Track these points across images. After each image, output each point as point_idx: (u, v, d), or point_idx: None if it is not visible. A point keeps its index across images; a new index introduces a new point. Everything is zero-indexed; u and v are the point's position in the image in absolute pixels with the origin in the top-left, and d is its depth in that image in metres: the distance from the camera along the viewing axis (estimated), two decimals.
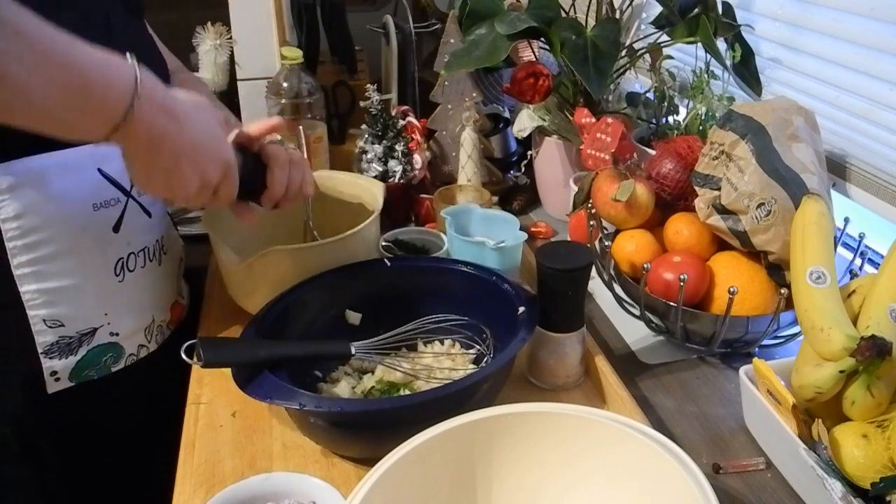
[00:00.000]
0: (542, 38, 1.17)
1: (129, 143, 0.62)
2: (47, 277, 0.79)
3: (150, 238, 0.89)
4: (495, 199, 1.27)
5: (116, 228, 0.84)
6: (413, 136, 1.24)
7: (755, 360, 0.75)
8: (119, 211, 0.84)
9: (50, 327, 0.81)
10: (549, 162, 1.28)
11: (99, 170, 0.81)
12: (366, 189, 1.02)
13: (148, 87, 0.60)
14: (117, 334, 0.86)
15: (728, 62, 1.14)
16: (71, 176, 0.79)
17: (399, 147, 1.20)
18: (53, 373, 0.82)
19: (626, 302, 0.98)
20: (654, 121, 1.27)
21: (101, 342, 0.85)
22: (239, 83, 1.54)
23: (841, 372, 0.68)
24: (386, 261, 0.92)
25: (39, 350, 0.81)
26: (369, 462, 0.60)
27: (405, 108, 1.32)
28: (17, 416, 0.83)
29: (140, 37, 0.90)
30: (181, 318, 0.98)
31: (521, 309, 0.81)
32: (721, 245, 0.93)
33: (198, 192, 0.68)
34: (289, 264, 0.87)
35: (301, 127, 1.05)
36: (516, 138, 1.34)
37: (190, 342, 0.73)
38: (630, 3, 1.24)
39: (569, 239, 1.19)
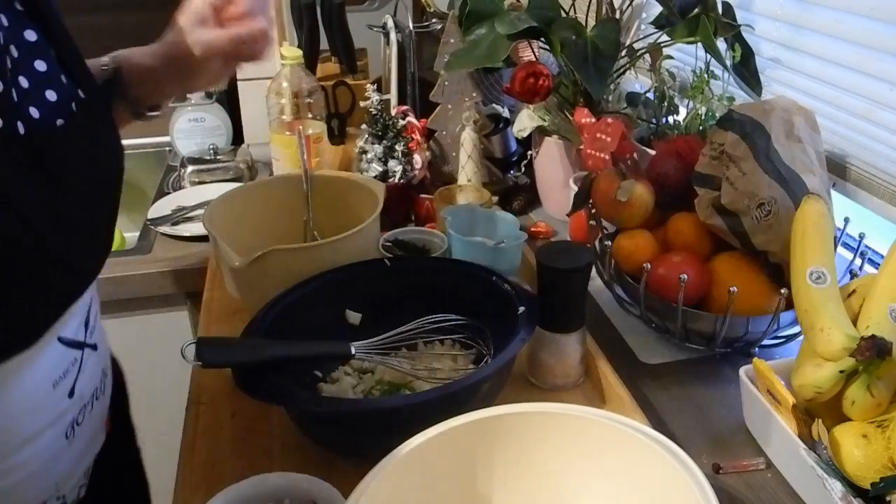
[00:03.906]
0: (542, 38, 1.17)
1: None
2: None
3: (97, 375, 0.74)
4: (495, 199, 1.27)
5: (72, 393, 0.69)
6: (413, 136, 1.24)
7: (755, 360, 0.75)
8: (76, 371, 0.70)
9: None
10: (549, 162, 1.28)
11: (59, 338, 0.67)
12: (366, 189, 1.02)
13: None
14: (63, 496, 0.72)
15: (728, 62, 1.14)
16: (29, 366, 0.63)
17: (399, 147, 1.20)
18: None
19: (626, 302, 0.98)
20: (654, 121, 1.27)
21: None
22: (239, 83, 1.54)
23: (841, 372, 0.68)
24: (386, 261, 0.92)
25: None
26: (369, 462, 0.60)
27: (405, 108, 1.32)
28: None
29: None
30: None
31: (521, 309, 0.81)
32: (721, 245, 0.93)
33: None
34: (289, 264, 0.86)
35: (300, 127, 1.05)
36: (516, 138, 1.34)
37: (190, 342, 0.73)
38: (630, 3, 1.24)
39: (569, 239, 1.19)
